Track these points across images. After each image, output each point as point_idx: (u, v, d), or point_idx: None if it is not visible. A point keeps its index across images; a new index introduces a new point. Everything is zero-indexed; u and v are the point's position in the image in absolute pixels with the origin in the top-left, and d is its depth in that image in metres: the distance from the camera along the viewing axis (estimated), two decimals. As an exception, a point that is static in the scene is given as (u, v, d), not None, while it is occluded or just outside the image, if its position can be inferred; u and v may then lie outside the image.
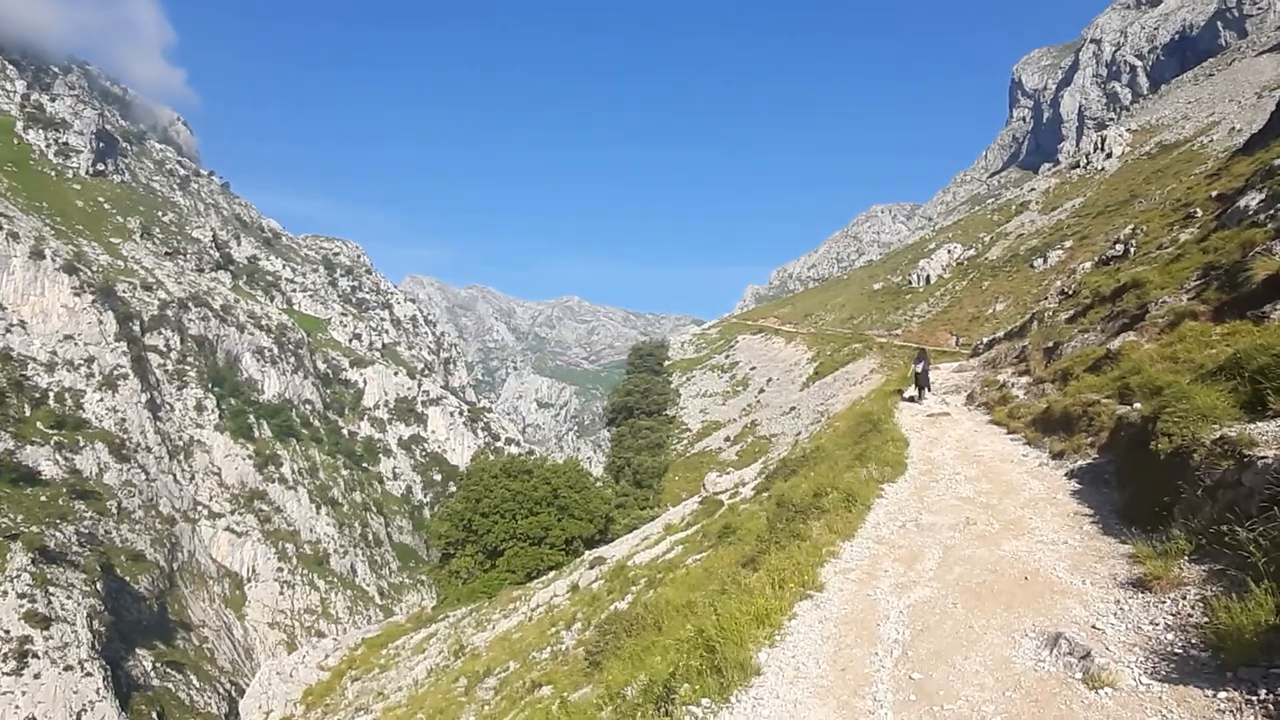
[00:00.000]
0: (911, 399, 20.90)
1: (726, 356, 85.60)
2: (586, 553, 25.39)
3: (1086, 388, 12.00)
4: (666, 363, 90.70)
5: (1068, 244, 67.56)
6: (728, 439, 60.09)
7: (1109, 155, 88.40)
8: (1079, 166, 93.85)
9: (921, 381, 20.97)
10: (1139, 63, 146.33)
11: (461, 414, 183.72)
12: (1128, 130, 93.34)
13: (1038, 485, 9.60)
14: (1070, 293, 25.82)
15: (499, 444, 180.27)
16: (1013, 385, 17.83)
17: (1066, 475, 9.70)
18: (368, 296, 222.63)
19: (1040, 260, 68.69)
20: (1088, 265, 29.88)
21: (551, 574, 26.22)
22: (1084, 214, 74.40)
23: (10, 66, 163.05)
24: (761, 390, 67.77)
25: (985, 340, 32.12)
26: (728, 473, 29.02)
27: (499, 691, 13.02)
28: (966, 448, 12.99)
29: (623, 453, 67.22)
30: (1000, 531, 7.91)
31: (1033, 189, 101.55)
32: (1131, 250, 24.73)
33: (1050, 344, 18.82)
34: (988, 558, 7.20)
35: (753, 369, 75.76)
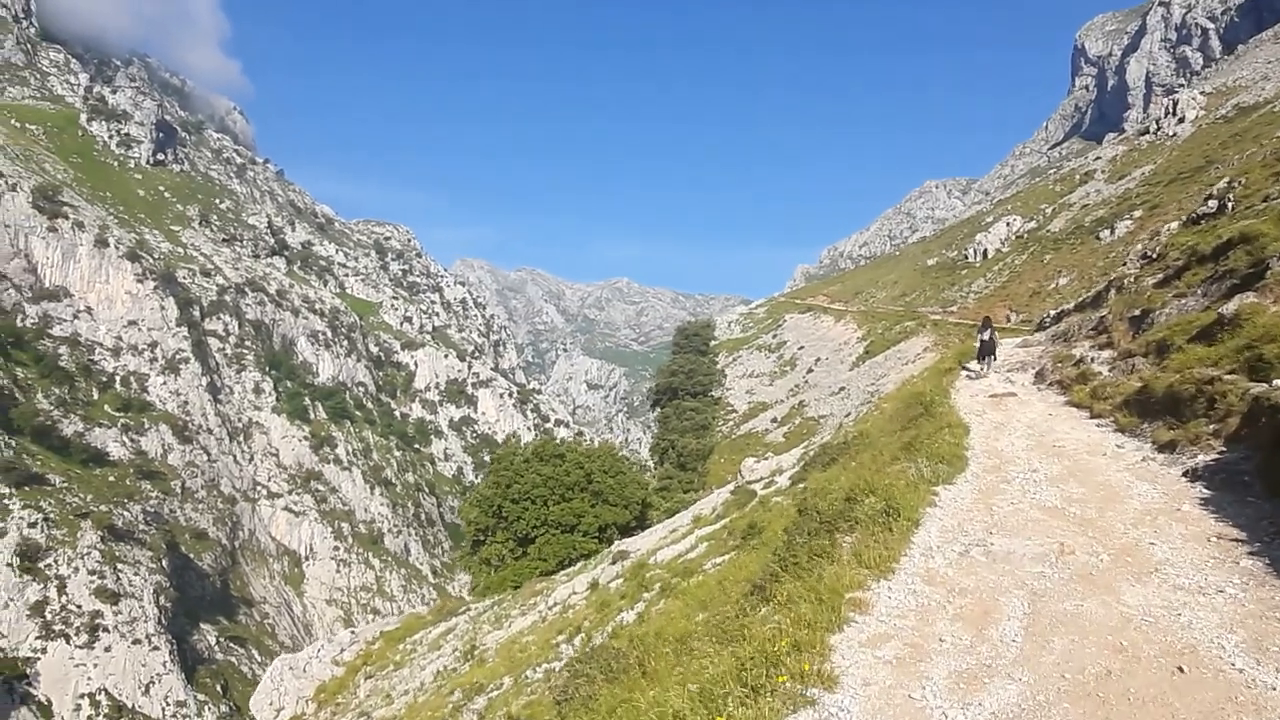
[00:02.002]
0: (975, 374, 18.77)
1: (774, 336, 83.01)
2: (615, 544, 23.97)
3: (1196, 360, 9.69)
4: (713, 343, 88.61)
5: (1137, 214, 62.83)
6: (774, 420, 57.91)
7: (1181, 120, 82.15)
8: (1149, 133, 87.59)
9: (986, 351, 18.83)
10: (1211, 25, 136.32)
11: (511, 396, 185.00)
12: (1201, 93, 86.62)
13: (1148, 490, 7.24)
14: (1155, 255, 22.87)
15: (548, 425, 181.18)
16: (1093, 360, 15.44)
17: (1185, 476, 7.36)
18: (418, 280, 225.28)
19: (1107, 231, 64.02)
20: (1174, 225, 26.67)
21: (579, 565, 24.92)
22: (1154, 182, 69.19)
23: (74, 60, 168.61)
24: (810, 370, 65.25)
25: (1053, 313, 29.24)
26: (766, 458, 27.12)
27: (483, 717, 11.74)
28: (1042, 436, 10.72)
29: (667, 434, 65.78)
30: (1112, 567, 5.43)
31: (1098, 158, 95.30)
32: (1229, 205, 21.63)
33: (1137, 312, 16.29)
34: (1104, 619, 4.61)
35: (801, 348, 73.13)
